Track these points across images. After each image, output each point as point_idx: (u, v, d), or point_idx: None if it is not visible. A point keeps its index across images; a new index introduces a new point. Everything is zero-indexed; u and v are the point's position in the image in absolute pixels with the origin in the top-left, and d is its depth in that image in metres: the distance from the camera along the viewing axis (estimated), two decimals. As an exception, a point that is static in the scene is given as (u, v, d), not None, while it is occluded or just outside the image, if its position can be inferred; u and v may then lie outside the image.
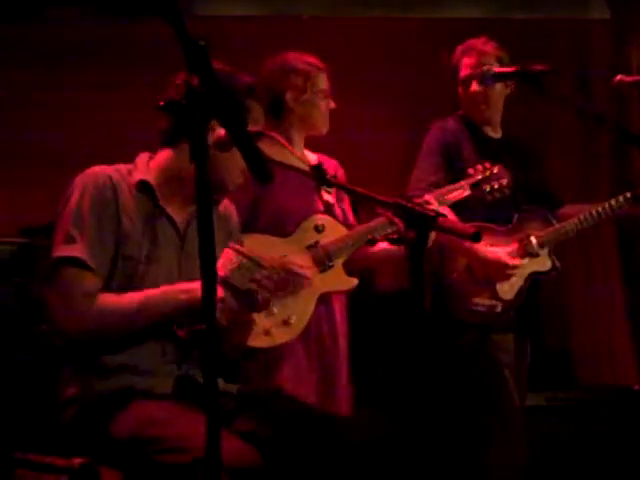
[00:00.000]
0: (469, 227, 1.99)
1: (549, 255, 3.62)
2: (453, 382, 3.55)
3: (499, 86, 3.62)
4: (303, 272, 3.20)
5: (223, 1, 5.18)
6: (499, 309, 3.54)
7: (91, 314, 2.38)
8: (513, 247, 3.56)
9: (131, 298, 2.41)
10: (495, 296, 3.54)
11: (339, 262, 3.32)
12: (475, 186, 3.41)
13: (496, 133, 3.74)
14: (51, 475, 2.30)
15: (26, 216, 4.38)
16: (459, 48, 3.67)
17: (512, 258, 3.53)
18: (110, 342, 2.41)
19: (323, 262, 3.28)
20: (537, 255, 3.58)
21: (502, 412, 3.52)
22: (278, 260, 3.20)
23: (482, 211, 3.52)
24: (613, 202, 3.59)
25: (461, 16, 5.35)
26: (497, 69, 3.55)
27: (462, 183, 3.41)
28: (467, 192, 3.40)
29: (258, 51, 3.48)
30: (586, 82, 5.06)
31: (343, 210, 3.51)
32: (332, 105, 3.42)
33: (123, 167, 2.56)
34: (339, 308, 3.43)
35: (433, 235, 2.85)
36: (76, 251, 2.39)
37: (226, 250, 2.39)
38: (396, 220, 2.93)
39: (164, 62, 2.52)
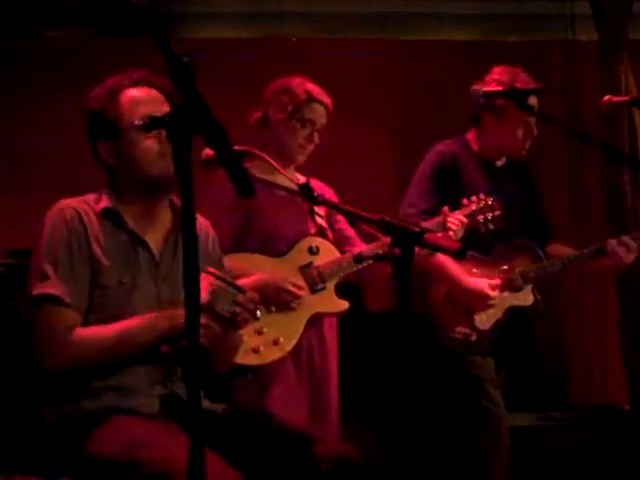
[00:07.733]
0: (454, 243, 1.99)
1: (532, 291, 3.59)
2: (434, 398, 3.56)
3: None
4: (297, 291, 3.20)
5: (212, 24, 5.20)
6: (474, 338, 3.52)
7: (71, 349, 2.36)
8: (496, 279, 3.52)
9: (111, 330, 2.38)
10: (472, 325, 3.52)
11: (332, 284, 3.34)
12: (470, 216, 3.40)
13: (500, 160, 3.68)
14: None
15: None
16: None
17: (493, 290, 3.49)
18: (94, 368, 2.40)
19: (316, 283, 3.30)
20: (519, 289, 3.55)
21: (485, 425, 3.50)
22: (274, 277, 3.19)
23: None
24: (586, 251, 3.55)
25: (451, 38, 5.38)
26: (486, 88, 3.49)
27: (457, 213, 3.39)
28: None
29: (247, 73, 3.49)
30: (575, 103, 5.08)
31: (337, 231, 3.50)
32: (316, 141, 3.38)
33: (91, 197, 2.53)
34: (329, 329, 3.43)
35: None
36: (51, 288, 2.37)
37: (203, 275, 2.36)
38: (382, 236, 2.94)
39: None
